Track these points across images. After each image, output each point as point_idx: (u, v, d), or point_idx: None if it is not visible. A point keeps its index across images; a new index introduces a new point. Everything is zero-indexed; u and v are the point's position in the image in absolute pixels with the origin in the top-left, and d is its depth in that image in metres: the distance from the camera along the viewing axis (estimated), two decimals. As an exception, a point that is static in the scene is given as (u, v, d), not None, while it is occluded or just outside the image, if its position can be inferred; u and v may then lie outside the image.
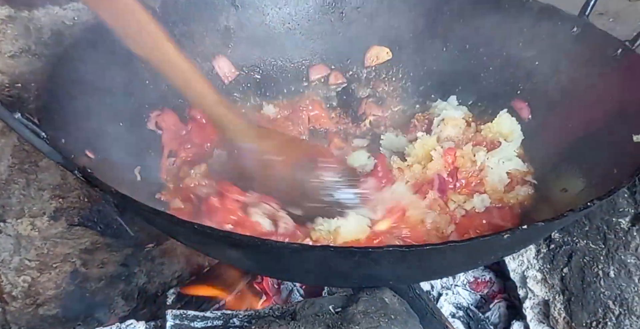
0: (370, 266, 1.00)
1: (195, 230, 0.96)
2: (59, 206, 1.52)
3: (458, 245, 0.95)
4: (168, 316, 1.22)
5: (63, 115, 1.19)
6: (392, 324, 1.10)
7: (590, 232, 1.38)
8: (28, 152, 1.46)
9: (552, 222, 0.99)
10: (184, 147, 1.53)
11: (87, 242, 1.58)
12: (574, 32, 1.49)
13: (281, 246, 0.94)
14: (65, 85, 1.25)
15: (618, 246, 1.34)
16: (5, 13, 1.38)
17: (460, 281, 1.59)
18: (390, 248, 0.93)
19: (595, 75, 1.43)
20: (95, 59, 1.36)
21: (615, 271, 1.33)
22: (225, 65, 1.65)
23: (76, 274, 1.60)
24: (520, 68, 1.59)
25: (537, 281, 1.44)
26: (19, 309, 1.59)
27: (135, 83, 1.46)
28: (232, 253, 1.08)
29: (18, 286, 1.56)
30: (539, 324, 1.42)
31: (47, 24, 1.43)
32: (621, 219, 1.35)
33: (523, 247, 1.36)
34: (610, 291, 1.32)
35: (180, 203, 1.39)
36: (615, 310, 1.31)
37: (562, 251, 1.41)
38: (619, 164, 1.20)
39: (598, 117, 1.37)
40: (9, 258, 1.53)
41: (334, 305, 1.16)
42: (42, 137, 1.02)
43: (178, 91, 1.32)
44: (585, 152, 1.36)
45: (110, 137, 1.34)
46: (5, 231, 1.50)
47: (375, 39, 1.74)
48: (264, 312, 1.24)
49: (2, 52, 1.40)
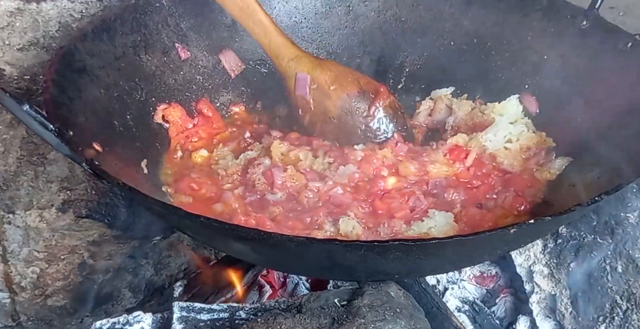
0: (376, 260, 1.00)
1: (202, 223, 0.96)
2: (67, 198, 1.53)
3: (464, 239, 0.95)
4: (175, 308, 1.22)
5: (71, 108, 1.19)
6: (397, 317, 1.10)
7: (598, 227, 1.37)
8: (36, 144, 1.47)
9: (559, 217, 0.99)
10: (190, 140, 1.54)
11: (95, 234, 1.59)
12: (583, 25, 1.47)
13: (287, 240, 0.94)
14: (73, 78, 1.25)
15: (626, 240, 1.33)
16: (14, 6, 1.38)
17: (466, 275, 1.59)
18: (396, 242, 0.93)
19: (605, 70, 1.41)
20: (103, 52, 1.36)
21: (623, 266, 1.32)
22: (232, 59, 1.65)
23: (84, 266, 1.61)
24: (528, 62, 1.58)
25: (544, 276, 1.43)
26: (28, 300, 1.60)
27: (142, 76, 1.46)
28: (238, 246, 1.09)
29: (27, 277, 1.57)
30: (545, 318, 1.42)
31: (55, 16, 1.43)
32: (629, 214, 1.34)
33: (530, 241, 1.36)
34: (618, 286, 1.31)
35: (186, 196, 1.39)
36: (622, 305, 1.30)
37: (570, 245, 1.41)
38: (627, 158, 1.19)
39: (607, 112, 1.36)
40: (18, 249, 1.54)
41: (339, 298, 1.16)
42: (50, 130, 1.02)
43: (237, 20, 1.46)
44: (593, 146, 1.35)
45: (117, 130, 1.34)
46: (14, 222, 1.52)
47: (381, 32, 1.73)
48: (270, 305, 1.24)
49: (11, 45, 1.40)
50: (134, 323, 1.22)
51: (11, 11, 1.38)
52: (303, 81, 1.49)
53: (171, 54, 1.54)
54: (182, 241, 1.78)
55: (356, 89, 1.50)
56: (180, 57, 1.56)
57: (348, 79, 1.50)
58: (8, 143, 1.46)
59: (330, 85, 1.48)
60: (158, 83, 1.50)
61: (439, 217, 1.29)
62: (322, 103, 1.49)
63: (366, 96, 1.50)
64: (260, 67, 1.68)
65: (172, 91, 1.54)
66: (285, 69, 1.50)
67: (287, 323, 1.07)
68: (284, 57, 1.49)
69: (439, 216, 1.30)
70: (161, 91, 1.51)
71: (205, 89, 1.62)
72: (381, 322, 1.08)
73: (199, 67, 1.60)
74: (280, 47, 1.48)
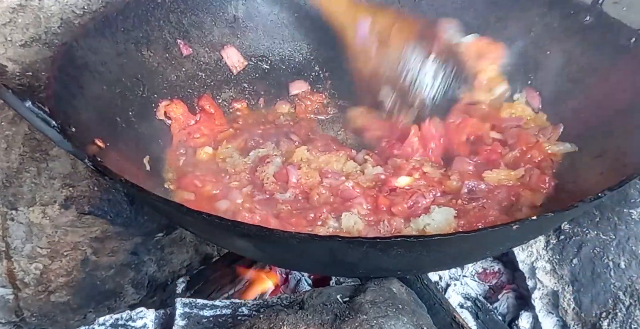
0: (378, 256, 1.00)
1: (204, 219, 0.96)
2: (69, 194, 1.53)
3: (466, 235, 0.95)
4: (177, 304, 1.22)
5: (73, 104, 1.20)
6: (399, 314, 1.10)
7: (600, 223, 1.37)
8: (39, 141, 1.47)
9: (562, 213, 0.99)
10: (193, 137, 1.54)
11: (98, 230, 1.59)
12: (587, 21, 1.47)
13: (289, 236, 0.94)
14: (75, 74, 1.25)
15: (629, 236, 1.33)
16: (16, 2, 1.38)
17: (469, 271, 1.59)
18: (398, 238, 0.93)
19: (608, 65, 1.41)
20: (105, 49, 1.36)
21: (625, 262, 1.32)
22: (234, 55, 1.65)
23: (87, 262, 1.62)
24: (531, 57, 1.57)
25: (546, 272, 1.43)
26: (31, 296, 1.61)
27: (145, 72, 1.46)
28: (240, 243, 1.09)
29: (30, 273, 1.58)
30: (548, 314, 1.42)
31: (57, 13, 1.43)
32: (632, 209, 1.34)
33: (532, 238, 1.36)
34: (621, 282, 1.31)
35: (189, 193, 1.39)
36: (625, 301, 1.30)
37: (572, 241, 1.41)
38: (630, 154, 1.19)
39: (610, 108, 1.35)
40: (21, 245, 1.55)
41: (341, 295, 1.16)
42: (53, 126, 1.02)
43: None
44: (596, 142, 1.34)
45: (119, 126, 1.34)
46: (17, 218, 1.52)
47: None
48: (272, 301, 1.24)
49: (13, 41, 1.40)
50: (137, 319, 1.22)
51: (13, 7, 1.38)
52: (364, 26, 1.49)
53: (173, 51, 1.54)
54: (185, 238, 1.78)
55: (414, 35, 1.49)
56: (182, 54, 1.56)
57: (406, 24, 1.50)
58: (10, 140, 1.46)
59: (390, 30, 1.48)
60: (160, 79, 1.50)
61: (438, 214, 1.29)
62: (382, 49, 1.49)
63: (424, 42, 1.48)
64: (262, 64, 1.68)
65: (174, 87, 1.54)
66: (344, 17, 1.50)
67: (289, 319, 1.07)
68: (342, 5, 1.50)
69: (440, 212, 1.30)
70: (163, 87, 1.51)
71: (207, 85, 1.62)
72: (383, 318, 1.08)
73: (200, 63, 1.60)
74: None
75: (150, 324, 1.23)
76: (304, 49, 1.73)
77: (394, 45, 1.48)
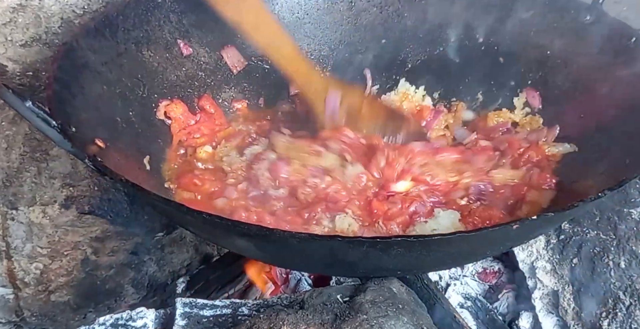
0: (378, 256, 1.00)
1: (204, 219, 0.96)
2: (69, 194, 1.53)
3: (466, 235, 0.95)
4: (178, 304, 1.22)
5: (74, 104, 1.19)
6: (399, 313, 1.10)
7: (601, 223, 1.37)
8: (39, 140, 1.47)
9: (562, 212, 0.99)
10: (193, 137, 1.54)
11: (98, 230, 1.59)
12: (587, 20, 1.47)
13: (289, 236, 0.94)
14: (75, 74, 1.25)
15: (629, 236, 1.33)
16: (16, 2, 1.38)
17: (469, 271, 1.59)
18: (399, 238, 0.93)
19: (609, 65, 1.41)
20: (105, 48, 1.36)
21: (626, 261, 1.32)
22: (234, 55, 1.65)
23: (87, 262, 1.62)
24: (532, 57, 1.57)
25: (547, 272, 1.43)
26: (32, 296, 1.61)
27: (145, 72, 1.46)
28: (241, 243, 1.09)
29: (30, 272, 1.58)
30: (548, 314, 1.42)
31: (57, 12, 1.43)
32: (632, 209, 1.34)
33: (532, 237, 1.36)
34: (621, 281, 1.31)
35: (189, 193, 1.39)
36: (625, 301, 1.30)
37: (572, 241, 1.41)
38: (630, 154, 1.19)
39: (611, 107, 1.35)
40: (22, 244, 1.55)
41: (341, 294, 1.16)
42: (53, 126, 1.02)
43: (263, 50, 1.49)
44: (597, 142, 1.34)
45: (120, 126, 1.34)
46: (18, 218, 1.52)
47: (383, 28, 1.73)
48: (273, 301, 1.24)
49: (14, 41, 1.40)
50: (137, 319, 1.23)
51: (13, 7, 1.38)
52: (334, 99, 1.51)
53: (173, 50, 1.54)
54: (185, 238, 1.79)
55: (382, 117, 1.54)
56: (183, 54, 1.55)
57: (375, 106, 1.56)
58: (11, 139, 1.46)
59: (359, 109, 1.53)
60: (160, 79, 1.50)
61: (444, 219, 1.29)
62: (351, 124, 1.52)
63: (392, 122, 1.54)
64: (263, 63, 1.68)
65: (174, 87, 1.53)
66: (315, 93, 1.52)
67: (289, 319, 1.07)
68: (313, 83, 1.52)
69: (444, 217, 1.29)
70: (163, 87, 1.51)
71: (208, 85, 1.62)
72: (383, 318, 1.08)
73: (201, 63, 1.60)
74: (310, 74, 1.52)
75: (151, 324, 1.23)
76: (303, 49, 1.73)
77: (363, 122, 1.52)
